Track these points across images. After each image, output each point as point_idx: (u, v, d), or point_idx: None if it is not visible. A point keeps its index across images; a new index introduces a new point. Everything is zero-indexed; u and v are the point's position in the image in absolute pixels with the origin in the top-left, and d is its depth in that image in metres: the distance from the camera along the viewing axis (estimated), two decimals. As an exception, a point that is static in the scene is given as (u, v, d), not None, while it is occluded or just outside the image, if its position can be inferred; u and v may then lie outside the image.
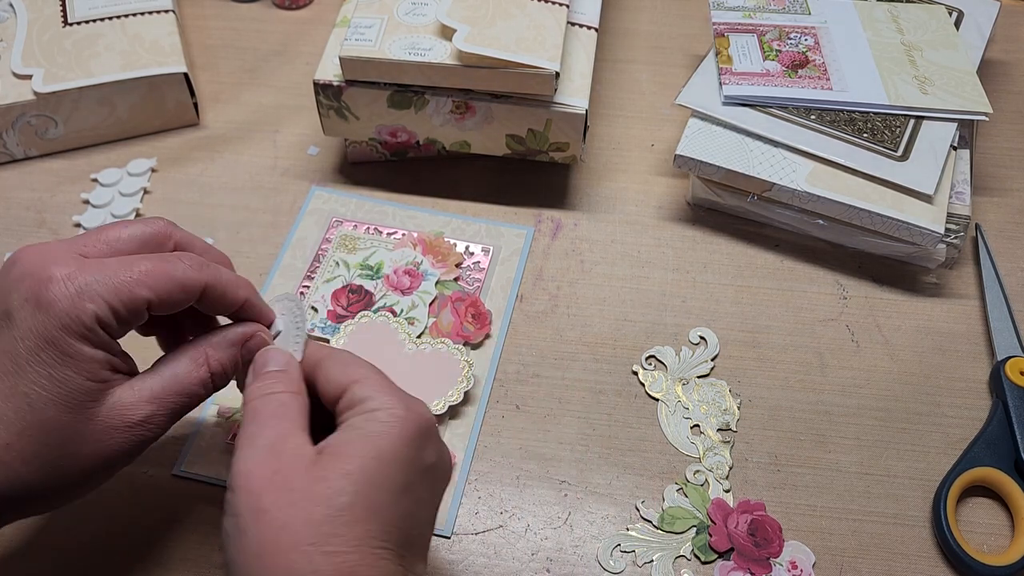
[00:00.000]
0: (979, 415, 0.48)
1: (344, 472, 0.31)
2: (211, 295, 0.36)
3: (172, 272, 0.35)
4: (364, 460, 0.32)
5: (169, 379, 0.35)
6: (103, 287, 0.33)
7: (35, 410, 0.32)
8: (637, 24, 0.71)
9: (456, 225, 0.56)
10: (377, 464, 0.32)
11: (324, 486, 0.31)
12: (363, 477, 0.31)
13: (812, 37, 0.59)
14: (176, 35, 0.60)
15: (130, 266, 0.34)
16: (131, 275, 0.34)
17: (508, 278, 0.53)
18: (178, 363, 0.36)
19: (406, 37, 0.51)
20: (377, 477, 0.31)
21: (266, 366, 0.36)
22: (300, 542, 0.30)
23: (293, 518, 0.30)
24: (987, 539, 0.44)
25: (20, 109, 0.56)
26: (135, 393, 0.34)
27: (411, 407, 0.34)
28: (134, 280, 0.34)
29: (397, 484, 0.32)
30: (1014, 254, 0.55)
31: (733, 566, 0.42)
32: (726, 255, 0.55)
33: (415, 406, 0.34)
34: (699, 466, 0.45)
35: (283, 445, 0.32)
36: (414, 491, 0.33)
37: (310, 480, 0.31)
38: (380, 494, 0.31)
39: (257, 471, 0.32)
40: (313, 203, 0.57)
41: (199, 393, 0.36)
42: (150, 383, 0.35)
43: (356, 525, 0.30)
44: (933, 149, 0.52)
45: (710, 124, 0.55)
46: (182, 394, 0.35)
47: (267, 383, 0.35)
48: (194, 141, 0.61)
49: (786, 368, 0.50)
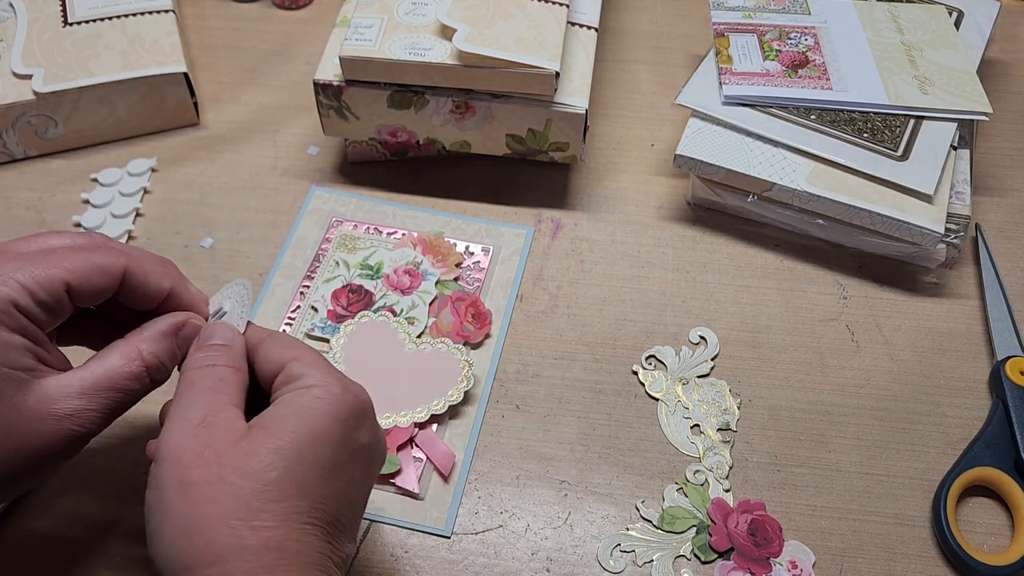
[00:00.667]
0: (979, 415, 0.48)
1: (275, 447, 0.31)
2: (132, 281, 0.35)
3: (89, 255, 0.34)
4: (296, 436, 0.31)
5: (100, 374, 0.34)
6: (19, 272, 0.33)
7: None
8: (637, 24, 0.71)
9: (456, 225, 0.56)
10: (309, 440, 0.31)
11: (254, 460, 0.30)
12: (293, 453, 0.31)
13: (812, 37, 0.59)
14: (176, 35, 0.60)
15: (47, 253, 0.34)
16: (48, 260, 0.34)
17: (508, 278, 0.53)
18: (109, 357, 0.35)
19: (406, 37, 0.51)
20: (308, 453, 0.31)
21: (211, 339, 0.36)
22: (227, 516, 0.29)
23: (221, 492, 0.30)
24: (987, 539, 0.44)
25: (20, 109, 0.56)
26: (63, 387, 0.33)
27: (348, 387, 0.34)
28: (50, 263, 0.33)
29: (328, 461, 0.32)
30: (1014, 254, 0.55)
31: (733, 566, 0.42)
32: (726, 255, 0.55)
33: (352, 387, 0.34)
34: (699, 466, 0.45)
35: (215, 419, 0.32)
36: (346, 470, 0.32)
37: (239, 454, 0.31)
38: (310, 470, 0.31)
39: (187, 444, 0.31)
40: (313, 203, 0.57)
41: (134, 388, 0.35)
42: (79, 376, 0.34)
43: (284, 500, 0.30)
44: (933, 149, 0.52)
45: (710, 124, 0.55)
46: (114, 389, 0.34)
47: (208, 354, 0.35)
48: (194, 141, 0.61)
49: (786, 368, 0.50)
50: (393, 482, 0.44)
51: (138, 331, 0.36)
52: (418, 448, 0.45)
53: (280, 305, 0.51)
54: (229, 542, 0.29)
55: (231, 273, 0.53)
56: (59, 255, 0.34)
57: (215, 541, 0.29)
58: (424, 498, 0.44)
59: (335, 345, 0.48)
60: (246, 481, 0.30)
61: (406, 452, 0.45)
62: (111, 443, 0.45)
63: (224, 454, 0.31)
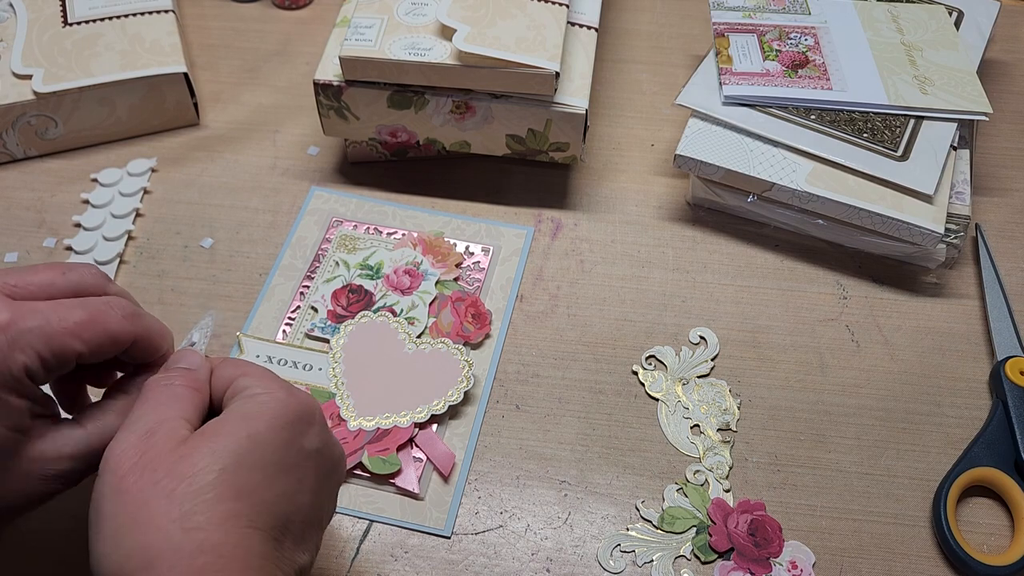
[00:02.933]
0: (979, 415, 0.48)
1: (211, 449, 0.30)
2: (140, 347, 0.36)
3: (106, 324, 0.34)
4: (235, 438, 0.31)
5: (96, 437, 0.34)
6: (36, 337, 0.32)
7: None
8: (637, 24, 0.71)
9: (456, 225, 0.56)
10: (249, 443, 0.31)
11: (188, 463, 0.30)
12: (231, 456, 0.30)
13: (812, 37, 0.59)
14: (176, 35, 0.60)
15: (65, 315, 0.33)
16: (65, 326, 0.33)
17: (508, 278, 0.53)
18: (106, 417, 0.35)
19: (406, 37, 0.51)
20: (248, 456, 0.31)
21: (176, 363, 0.36)
22: (159, 518, 0.29)
23: (154, 496, 0.29)
24: (987, 539, 0.44)
25: (20, 109, 0.56)
26: (57, 447, 0.33)
27: (293, 393, 0.34)
28: (68, 331, 0.33)
29: (271, 465, 0.31)
30: (1014, 254, 0.55)
31: (733, 566, 0.42)
32: (726, 255, 0.55)
33: (298, 393, 0.34)
34: (699, 466, 0.45)
35: (158, 428, 0.31)
36: (292, 474, 0.32)
37: (175, 459, 0.30)
38: (250, 473, 0.30)
39: (126, 453, 0.31)
40: (313, 203, 0.57)
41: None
42: (75, 438, 0.34)
43: (221, 503, 0.29)
44: (933, 149, 0.52)
45: (710, 124, 0.55)
46: (94, 449, 0.34)
47: (170, 375, 0.35)
48: (194, 141, 0.61)
49: (786, 368, 0.50)
50: (393, 482, 0.44)
51: (129, 386, 0.36)
52: (418, 448, 0.45)
53: (280, 305, 0.51)
54: (161, 545, 0.28)
55: (231, 273, 0.53)
56: (74, 319, 0.33)
57: (147, 544, 0.28)
58: (424, 498, 0.44)
59: (335, 345, 0.48)
60: (179, 483, 0.29)
61: (406, 452, 0.45)
62: (111, 443, 0.45)
63: (160, 459, 0.30)
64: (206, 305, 0.52)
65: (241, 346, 0.48)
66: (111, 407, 0.35)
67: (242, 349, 0.48)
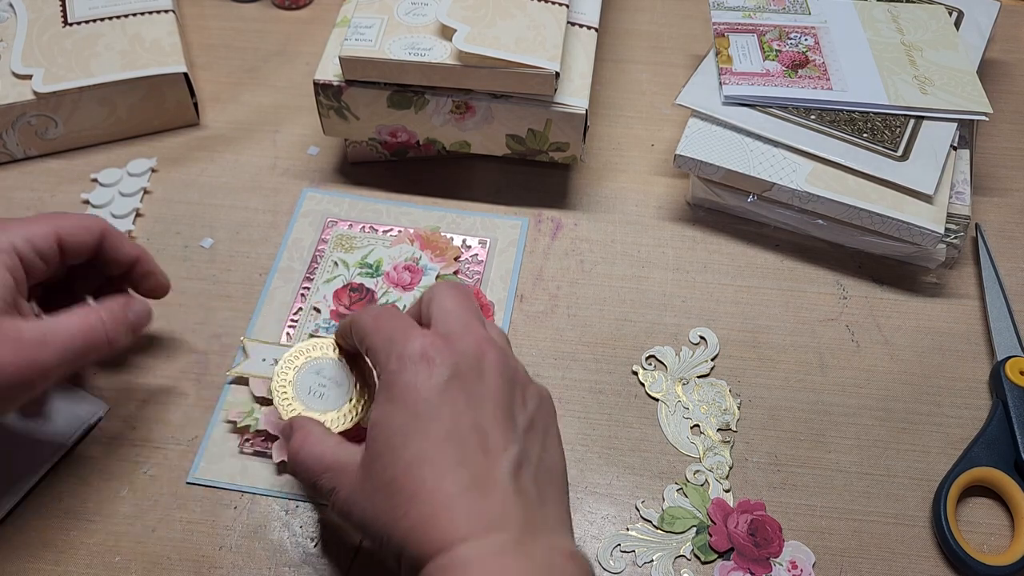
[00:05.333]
0: (979, 415, 0.48)
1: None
2: (109, 242, 0.44)
3: (76, 218, 0.43)
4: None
5: (63, 319, 0.40)
6: (21, 226, 0.41)
7: None
8: (637, 24, 0.71)
9: (451, 219, 0.56)
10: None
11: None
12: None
13: (812, 37, 0.59)
14: (176, 35, 0.60)
15: (41, 215, 0.43)
16: (42, 218, 0.42)
17: (507, 269, 0.53)
18: (72, 311, 0.41)
19: (406, 37, 0.51)
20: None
21: None
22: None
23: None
24: (987, 539, 0.44)
25: (20, 109, 0.56)
26: (32, 324, 0.39)
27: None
28: (45, 220, 0.42)
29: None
30: (1014, 254, 0.55)
31: (733, 566, 0.42)
32: (726, 255, 0.55)
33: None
34: (699, 466, 0.45)
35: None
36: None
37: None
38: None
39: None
40: (306, 205, 0.57)
41: (93, 336, 0.40)
42: (46, 320, 0.40)
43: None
44: (933, 149, 0.52)
45: (710, 124, 0.55)
46: (77, 330, 0.40)
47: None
48: (194, 141, 0.61)
49: (786, 368, 0.50)
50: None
51: (98, 302, 0.43)
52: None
53: (281, 308, 0.51)
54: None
55: (231, 273, 0.53)
56: (50, 216, 0.42)
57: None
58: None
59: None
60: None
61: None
62: (111, 443, 0.45)
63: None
64: (206, 305, 0.52)
65: (246, 350, 0.48)
66: (77, 307, 0.42)
67: (247, 353, 0.48)
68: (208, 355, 0.49)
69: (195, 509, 0.43)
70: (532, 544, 0.32)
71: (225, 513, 0.43)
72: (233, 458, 0.45)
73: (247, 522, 0.43)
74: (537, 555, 0.32)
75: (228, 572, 0.41)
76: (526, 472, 0.34)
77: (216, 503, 0.44)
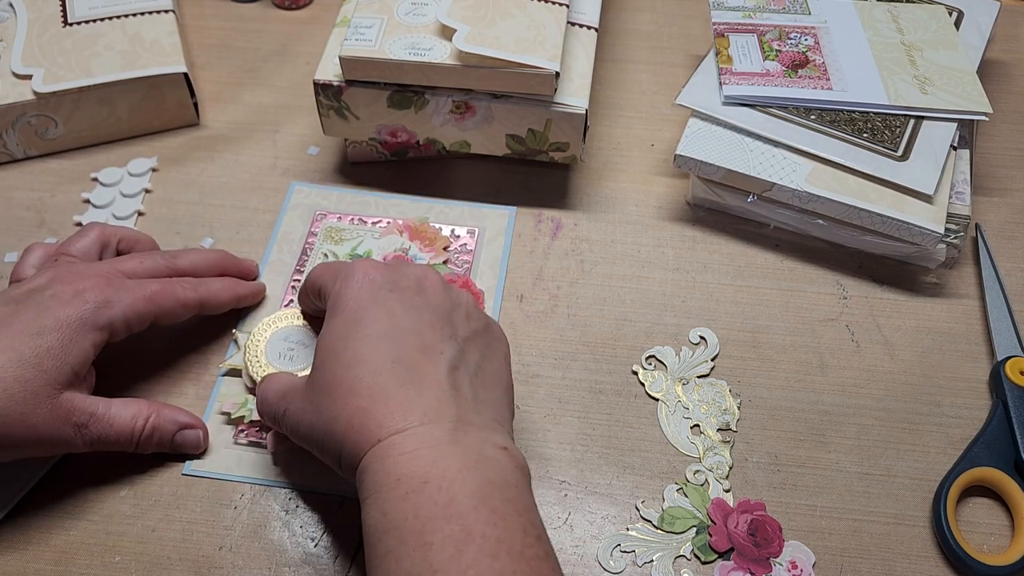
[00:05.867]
0: (979, 415, 0.48)
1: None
2: (208, 307, 0.47)
3: (175, 293, 0.45)
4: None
5: (113, 411, 0.42)
6: (124, 303, 0.42)
7: (19, 364, 0.39)
8: (637, 24, 0.71)
9: (439, 210, 0.56)
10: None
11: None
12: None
13: (812, 37, 0.59)
14: (176, 35, 0.60)
15: (144, 287, 0.44)
16: (144, 293, 0.43)
17: (496, 257, 0.54)
18: (127, 405, 0.43)
19: (406, 37, 0.51)
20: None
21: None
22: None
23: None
24: (987, 539, 0.44)
25: (20, 109, 0.56)
26: (87, 402, 0.41)
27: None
28: (146, 297, 0.43)
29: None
30: (1014, 254, 0.55)
31: (733, 566, 0.42)
32: (726, 255, 0.55)
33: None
34: (699, 466, 0.45)
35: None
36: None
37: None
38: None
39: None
40: (294, 199, 0.57)
41: (125, 439, 0.42)
42: (100, 404, 0.41)
43: None
44: (933, 149, 0.52)
45: (710, 124, 0.55)
46: (114, 429, 0.42)
47: None
48: (194, 141, 0.61)
49: (786, 368, 0.50)
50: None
51: (160, 406, 0.44)
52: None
53: (272, 301, 0.51)
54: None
55: (231, 273, 0.53)
56: (151, 289, 0.44)
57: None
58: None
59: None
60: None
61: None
62: (111, 443, 0.46)
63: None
64: (206, 305, 0.52)
65: (238, 343, 0.49)
66: (137, 401, 0.43)
67: (239, 346, 0.48)
68: (207, 355, 0.49)
69: (195, 509, 0.43)
70: (464, 435, 0.34)
71: (225, 513, 0.43)
72: (228, 449, 0.45)
73: (247, 522, 0.43)
74: (470, 444, 0.34)
75: (228, 572, 0.41)
76: (463, 374, 0.36)
77: (216, 503, 0.44)
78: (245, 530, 0.43)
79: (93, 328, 0.41)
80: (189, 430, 0.44)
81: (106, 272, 0.44)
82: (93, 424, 0.41)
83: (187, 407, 0.47)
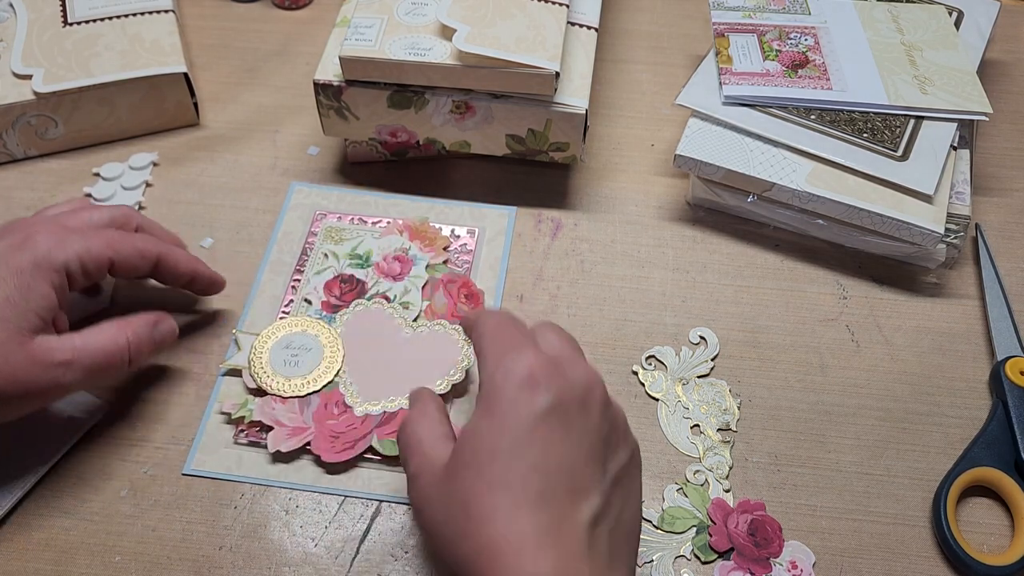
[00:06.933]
0: (979, 415, 0.48)
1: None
2: (164, 265, 0.46)
3: (133, 241, 0.44)
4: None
5: (92, 338, 0.41)
6: (79, 244, 0.41)
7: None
8: (637, 24, 0.71)
9: (439, 210, 0.56)
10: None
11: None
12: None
13: (812, 37, 0.59)
14: (176, 35, 0.60)
15: (100, 233, 0.43)
16: (100, 237, 0.43)
17: (496, 257, 0.54)
18: (102, 328, 0.42)
19: (406, 37, 0.51)
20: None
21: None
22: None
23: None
24: (987, 539, 0.44)
25: (20, 109, 0.56)
26: (62, 340, 0.40)
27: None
28: (103, 241, 0.42)
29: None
30: (1014, 254, 0.55)
31: (733, 566, 0.42)
32: (726, 255, 0.55)
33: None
34: (699, 466, 0.45)
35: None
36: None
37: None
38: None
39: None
40: (295, 199, 0.57)
41: (116, 358, 0.42)
42: (76, 337, 0.41)
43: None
44: (933, 149, 0.52)
45: (710, 124, 0.55)
46: (101, 352, 0.41)
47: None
48: (194, 141, 0.61)
49: (786, 368, 0.50)
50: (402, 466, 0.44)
51: (126, 316, 0.44)
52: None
53: (273, 301, 0.51)
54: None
55: (231, 273, 0.53)
56: (111, 237, 0.43)
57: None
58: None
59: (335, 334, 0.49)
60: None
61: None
62: (111, 443, 0.45)
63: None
64: (207, 305, 0.52)
65: (238, 343, 0.49)
66: (107, 322, 0.43)
67: (239, 346, 0.48)
68: (208, 355, 0.49)
69: (195, 509, 0.43)
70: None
71: (225, 513, 0.43)
72: (228, 449, 0.45)
73: (247, 522, 0.43)
74: None
75: (228, 572, 0.41)
76: (603, 528, 0.33)
77: (216, 503, 0.44)
78: (245, 530, 0.43)
79: (49, 269, 0.40)
80: (162, 323, 0.45)
81: (61, 220, 0.43)
82: (79, 356, 0.40)
83: (187, 407, 0.47)
